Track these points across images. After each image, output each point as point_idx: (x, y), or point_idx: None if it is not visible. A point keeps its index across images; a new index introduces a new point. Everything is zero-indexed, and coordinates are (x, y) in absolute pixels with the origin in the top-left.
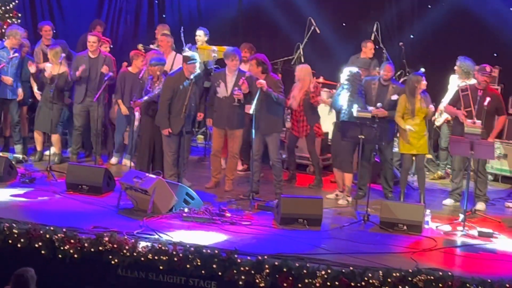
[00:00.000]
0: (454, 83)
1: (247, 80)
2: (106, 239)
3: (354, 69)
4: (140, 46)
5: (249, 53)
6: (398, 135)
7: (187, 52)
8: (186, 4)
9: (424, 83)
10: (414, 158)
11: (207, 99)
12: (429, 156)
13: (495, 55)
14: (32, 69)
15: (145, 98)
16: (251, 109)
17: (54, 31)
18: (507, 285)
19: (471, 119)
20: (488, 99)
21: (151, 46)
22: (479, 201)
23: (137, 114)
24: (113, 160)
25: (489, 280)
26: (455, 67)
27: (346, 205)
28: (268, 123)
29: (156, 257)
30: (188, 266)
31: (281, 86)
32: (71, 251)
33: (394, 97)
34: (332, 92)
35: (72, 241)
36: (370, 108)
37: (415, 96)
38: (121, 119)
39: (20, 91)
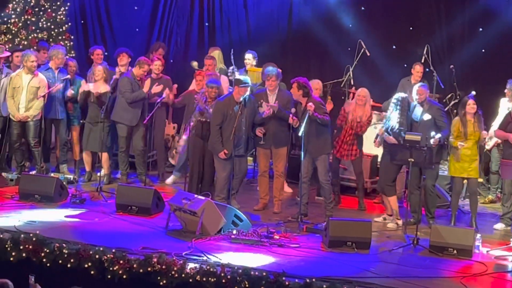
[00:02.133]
0: (505, 106)
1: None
2: (155, 260)
3: (403, 94)
4: (194, 64)
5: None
6: (448, 158)
7: (239, 76)
8: (235, 27)
9: (471, 106)
10: (465, 181)
11: None
12: (480, 180)
13: None
14: (69, 92)
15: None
16: (300, 131)
17: (106, 54)
18: None
19: None
20: None
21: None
22: None
23: (184, 136)
24: (170, 180)
25: None
26: (506, 90)
27: (395, 228)
28: (317, 145)
29: (204, 279)
30: (236, 287)
31: (323, 107)
32: (120, 271)
33: (426, 116)
34: (382, 115)
35: (121, 261)
36: (431, 140)
37: (466, 119)
38: None
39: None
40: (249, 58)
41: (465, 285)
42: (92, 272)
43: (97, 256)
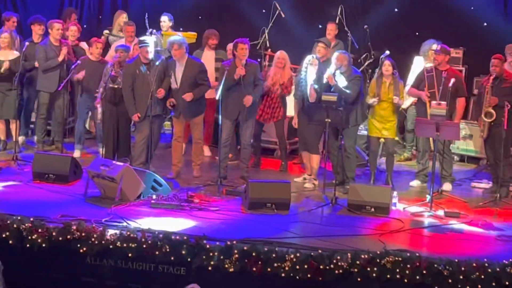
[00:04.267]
0: (418, 64)
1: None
2: (74, 227)
3: (312, 56)
4: (106, 33)
5: (217, 40)
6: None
7: (142, 37)
8: None
9: (386, 67)
10: (382, 140)
11: None
12: (396, 138)
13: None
14: None
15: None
16: (217, 95)
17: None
18: (474, 265)
19: (436, 101)
20: (453, 80)
21: (114, 32)
22: (446, 182)
23: (99, 106)
24: (77, 154)
25: (456, 260)
26: (421, 53)
27: (312, 188)
28: (250, 108)
29: (124, 245)
30: (157, 253)
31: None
32: (39, 240)
33: (343, 82)
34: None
35: (39, 230)
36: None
37: (382, 80)
38: (82, 107)
39: None
40: (165, 20)
41: (383, 242)
42: (10, 242)
43: (15, 226)
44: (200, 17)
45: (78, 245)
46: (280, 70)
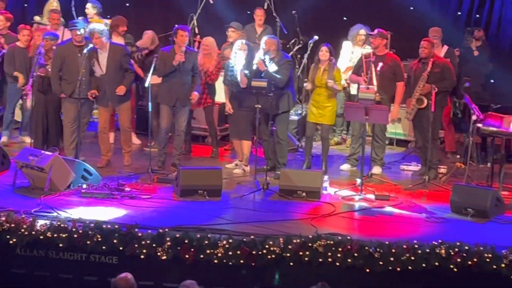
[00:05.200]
0: (347, 49)
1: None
2: (3, 218)
3: (242, 41)
4: (37, 18)
5: (126, 26)
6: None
7: (75, 20)
8: None
9: (323, 53)
10: (318, 127)
11: None
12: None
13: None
14: None
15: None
16: (146, 82)
17: None
18: (404, 246)
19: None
20: (380, 64)
21: (44, 20)
22: (376, 165)
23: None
24: (4, 139)
25: (387, 242)
26: (349, 37)
27: (243, 174)
28: (187, 96)
29: (55, 235)
30: (88, 242)
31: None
32: None
33: (273, 67)
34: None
35: None
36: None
37: (318, 66)
38: (12, 95)
39: None
40: (89, 8)
41: (315, 226)
42: None
43: None
44: (127, 4)
45: (8, 237)
46: (208, 56)
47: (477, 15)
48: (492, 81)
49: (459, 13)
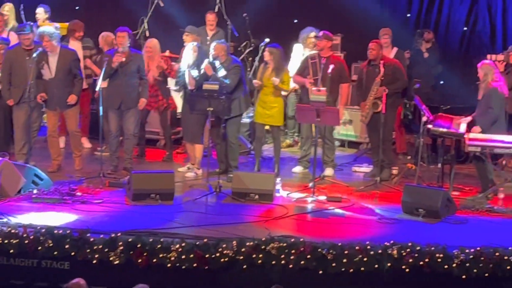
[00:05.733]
0: (298, 51)
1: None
2: None
3: (193, 43)
4: None
5: (83, 31)
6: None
7: (23, 24)
8: None
9: (266, 53)
10: (267, 127)
11: None
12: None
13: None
14: None
15: None
16: (97, 86)
17: None
18: (357, 248)
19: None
20: (331, 66)
21: None
22: (327, 167)
23: None
24: None
25: (340, 244)
26: (299, 40)
27: (195, 178)
28: (132, 98)
29: (6, 241)
30: (39, 248)
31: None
32: None
33: (222, 72)
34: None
35: None
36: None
37: (267, 66)
38: None
39: None
40: (40, 12)
41: (268, 229)
42: None
43: None
44: (77, 8)
45: None
46: (151, 59)
47: (426, 17)
48: (441, 82)
49: (408, 15)
